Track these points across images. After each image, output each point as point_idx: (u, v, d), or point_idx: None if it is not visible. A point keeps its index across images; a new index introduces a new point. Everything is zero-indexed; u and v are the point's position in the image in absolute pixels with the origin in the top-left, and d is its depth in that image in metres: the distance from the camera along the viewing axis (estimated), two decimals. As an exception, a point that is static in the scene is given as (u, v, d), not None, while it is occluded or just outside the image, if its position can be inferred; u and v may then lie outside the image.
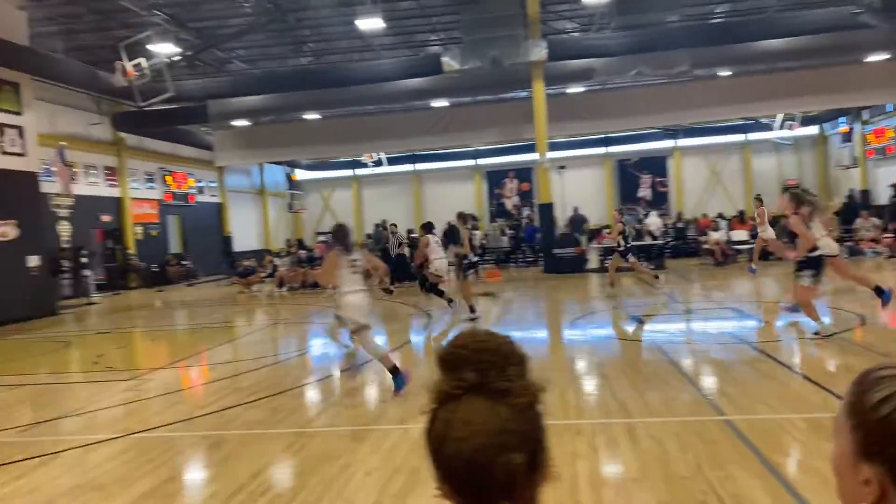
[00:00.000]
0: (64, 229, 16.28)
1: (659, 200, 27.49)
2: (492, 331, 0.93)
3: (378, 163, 28.66)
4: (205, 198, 26.14)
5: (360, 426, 5.06)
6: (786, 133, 24.57)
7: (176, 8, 16.17)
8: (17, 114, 14.48)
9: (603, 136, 26.63)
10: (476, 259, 12.08)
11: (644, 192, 27.98)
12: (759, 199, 14.13)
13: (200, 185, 25.82)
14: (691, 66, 17.69)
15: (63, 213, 16.23)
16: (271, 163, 29.14)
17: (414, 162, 30.35)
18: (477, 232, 20.30)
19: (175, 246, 24.29)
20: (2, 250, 12.05)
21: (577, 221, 22.76)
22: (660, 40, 16.82)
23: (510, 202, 29.07)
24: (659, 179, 27.94)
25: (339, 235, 6.26)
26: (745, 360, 6.55)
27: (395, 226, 19.16)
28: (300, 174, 32.40)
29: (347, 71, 18.74)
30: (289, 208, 31.43)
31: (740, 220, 19.78)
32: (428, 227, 11.04)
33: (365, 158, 28.01)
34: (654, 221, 21.28)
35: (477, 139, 24.10)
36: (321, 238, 26.10)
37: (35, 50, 14.88)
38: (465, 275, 10.78)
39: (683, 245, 21.16)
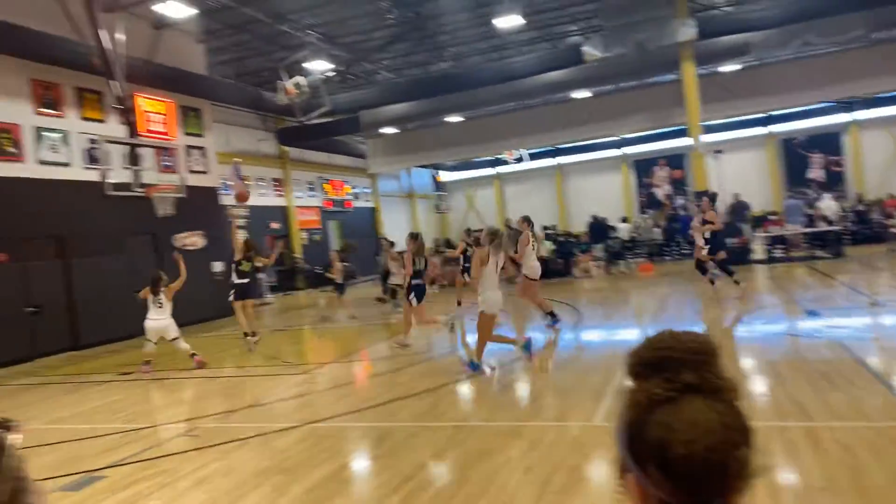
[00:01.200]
0: (241, 237, 18.09)
1: (833, 181, 24.77)
2: (682, 330, 0.93)
3: (519, 159, 28.63)
4: (360, 203, 27.77)
5: (518, 422, 5.13)
6: None
7: (326, 27, 17.33)
8: (200, 136, 16.35)
9: (764, 115, 24.50)
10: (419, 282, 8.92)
11: (815, 173, 25.34)
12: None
13: (356, 191, 27.47)
14: (869, 30, 15.75)
15: (240, 222, 18.07)
16: (418, 166, 30.22)
17: (556, 156, 29.96)
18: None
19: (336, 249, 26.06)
20: (192, 258, 13.60)
21: (739, 209, 21.15)
22: (829, 4, 15.15)
23: (661, 191, 27.69)
24: (832, 158, 25.17)
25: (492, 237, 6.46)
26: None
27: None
28: (445, 175, 33.29)
29: (487, 71, 18.95)
30: (436, 209, 32.43)
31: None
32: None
33: (506, 156, 28.13)
34: (828, 205, 19.26)
35: (622, 128, 23.24)
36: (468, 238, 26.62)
37: (212, 78, 16.69)
38: (409, 299, 8.89)
39: (866, 230, 18.91)
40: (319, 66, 17.70)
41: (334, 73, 18.60)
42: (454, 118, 23.32)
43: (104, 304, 12.52)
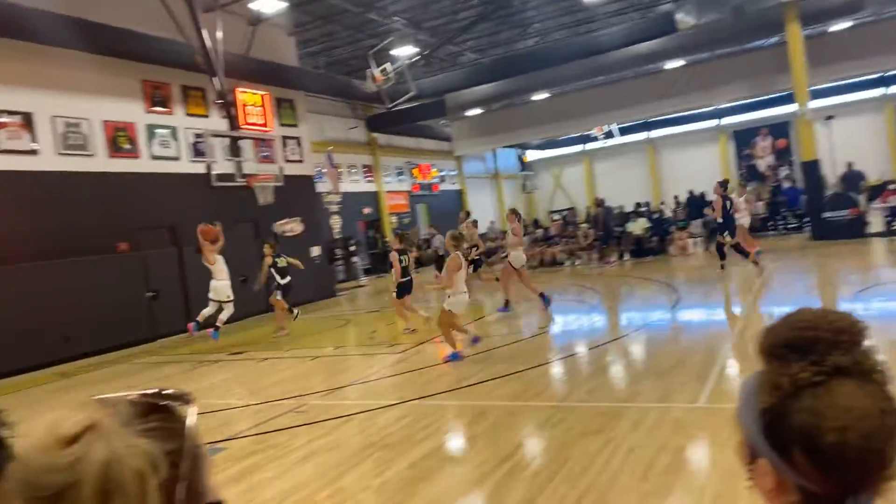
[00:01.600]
0: (335, 223, 18.78)
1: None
2: (823, 308, 0.88)
3: (609, 135, 27.84)
4: (446, 186, 28.00)
5: (617, 403, 5.06)
6: None
7: (412, 12, 17.45)
8: (295, 126, 16.99)
9: (879, 75, 22.51)
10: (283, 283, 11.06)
11: (941, 136, 23.09)
12: None
13: (442, 174, 27.71)
14: None
15: (334, 208, 18.71)
16: (504, 147, 30.03)
17: (648, 129, 28.89)
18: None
19: (424, 232, 26.45)
20: (292, 244, 14.29)
21: (852, 179, 19.65)
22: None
23: (763, 163, 26.08)
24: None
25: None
26: None
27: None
28: (530, 154, 32.91)
29: (573, 46, 18.47)
30: (522, 189, 32.17)
31: None
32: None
33: (595, 132, 27.42)
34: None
35: (719, 97, 22.01)
36: (556, 217, 26.27)
37: (304, 69, 17.26)
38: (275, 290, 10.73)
39: None
40: (405, 52, 17.88)
41: (419, 58, 18.74)
42: (540, 96, 22.94)
43: (213, 289, 13.33)
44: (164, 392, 0.76)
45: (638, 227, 17.52)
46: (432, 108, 21.15)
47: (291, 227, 15.34)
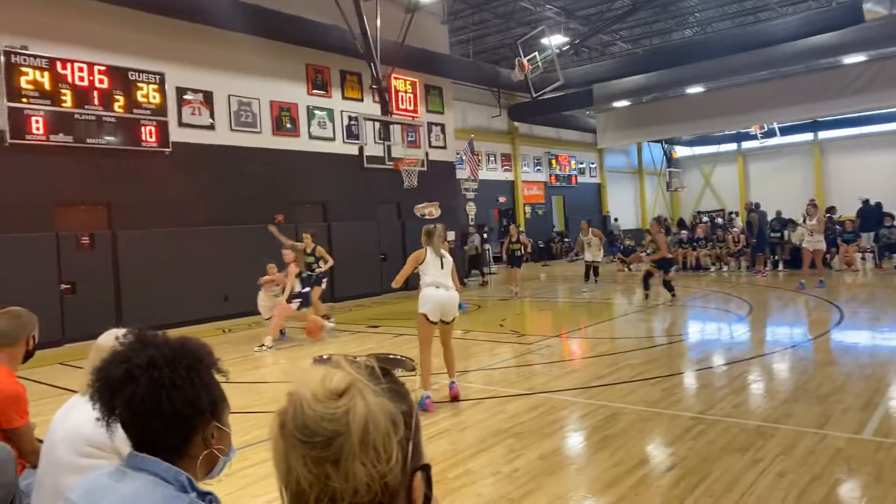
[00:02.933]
0: (471, 209, 19.03)
1: None
2: None
3: (769, 133, 25.76)
4: (585, 178, 27.39)
5: (765, 422, 4.72)
6: None
7: (565, 0, 17.14)
8: (441, 113, 17.38)
9: None
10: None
11: None
12: None
13: (581, 166, 27.12)
14: None
15: (470, 195, 18.96)
16: (651, 141, 28.79)
17: (815, 130, 26.38)
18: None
19: (558, 224, 26.11)
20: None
21: None
22: None
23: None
24: None
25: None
26: None
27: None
28: (678, 151, 31.27)
29: (738, 37, 17.21)
30: (667, 187, 30.68)
31: None
32: None
33: (753, 130, 25.47)
34: None
35: (907, 98, 19.54)
36: (704, 218, 24.83)
37: (455, 57, 17.57)
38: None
39: None
40: (556, 41, 17.63)
41: (568, 47, 18.39)
42: (695, 89, 21.66)
43: (355, 264, 14.08)
44: (393, 357, 0.84)
45: (798, 236, 16.08)
46: (578, 98, 20.71)
47: (430, 210, 15.78)
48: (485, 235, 19.49)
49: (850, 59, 18.21)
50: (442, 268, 5.89)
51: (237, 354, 8.69)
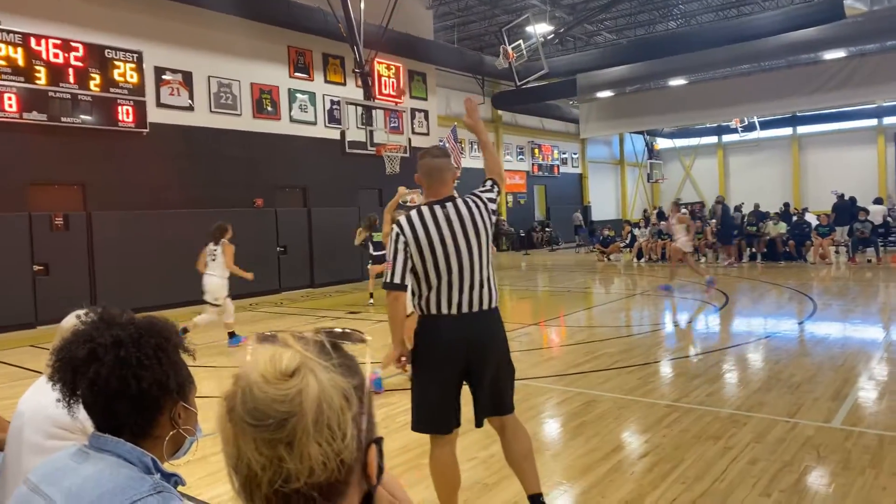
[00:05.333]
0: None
1: None
2: None
3: (749, 127, 26.03)
4: (567, 168, 27.47)
5: (738, 410, 4.79)
6: None
7: (551, -12, 17.09)
8: (424, 99, 17.27)
9: None
10: None
11: None
12: None
13: (564, 156, 27.19)
14: None
15: (454, 183, 18.92)
16: (633, 132, 28.94)
17: (794, 125, 26.70)
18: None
19: (539, 214, 26.19)
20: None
21: None
22: None
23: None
24: None
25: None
26: None
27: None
28: (659, 142, 31.49)
29: (721, 30, 17.32)
30: (647, 178, 30.91)
31: None
32: None
33: (733, 123, 25.73)
34: None
35: (885, 94, 19.87)
36: (684, 210, 25.06)
37: (439, 43, 17.45)
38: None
39: None
40: (540, 29, 17.57)
41: (553, 36, 18.35)
42: (677, 82, 21.79)
43: (335, 250, 14.00)
44: (343, 331, 0.81)
45: (775, 229, 16.32)
46: (562, 88, 20.72)
47: (412, 197, 15.71)
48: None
49: (830, 54, 18.44)
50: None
51: (208, 339, 8.61)
